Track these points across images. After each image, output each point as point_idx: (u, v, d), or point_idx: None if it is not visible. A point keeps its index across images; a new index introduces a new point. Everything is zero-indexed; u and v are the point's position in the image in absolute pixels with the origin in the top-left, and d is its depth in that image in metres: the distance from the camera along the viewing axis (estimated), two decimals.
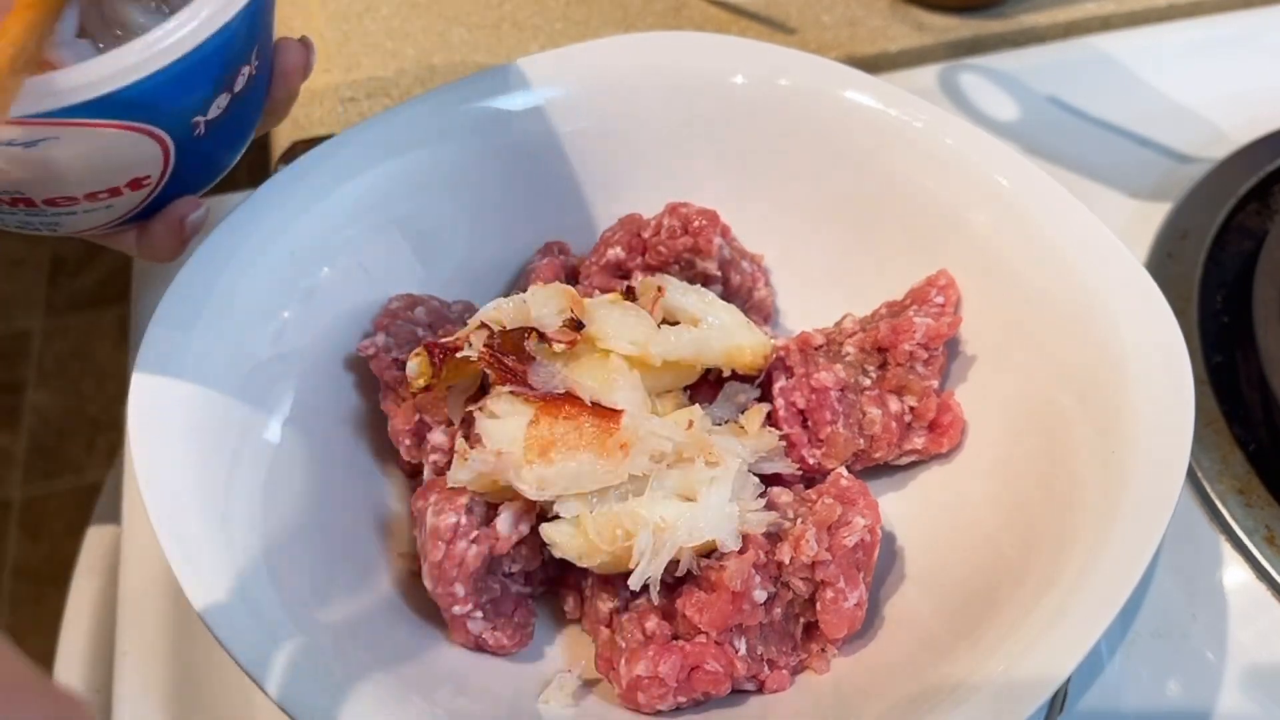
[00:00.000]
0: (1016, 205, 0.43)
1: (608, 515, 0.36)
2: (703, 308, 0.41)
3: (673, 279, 0.42)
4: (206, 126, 0.37)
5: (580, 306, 0.39)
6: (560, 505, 0.37)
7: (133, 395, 0.38)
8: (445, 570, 0.37)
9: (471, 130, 0.47)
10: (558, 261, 0.47)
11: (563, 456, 0.36)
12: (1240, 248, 0.54)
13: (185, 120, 0.36)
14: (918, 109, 0.46)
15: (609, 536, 0.36)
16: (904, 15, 0.66)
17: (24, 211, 0.37)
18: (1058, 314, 0.41)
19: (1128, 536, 0.34)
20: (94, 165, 0.35)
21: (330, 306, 0.44)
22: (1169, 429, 0.36)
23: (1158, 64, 0.63)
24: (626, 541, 0.36)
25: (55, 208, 0.36)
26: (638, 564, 0.36)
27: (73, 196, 0.36)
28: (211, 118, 0.37)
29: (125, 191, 0.37)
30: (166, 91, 0.34)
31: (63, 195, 0.36)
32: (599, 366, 0.38)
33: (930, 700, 0.33)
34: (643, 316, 0.40)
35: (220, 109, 0.37)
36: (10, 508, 1.34)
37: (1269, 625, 0.42)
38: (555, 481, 0.36)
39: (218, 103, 0.37)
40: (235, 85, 0.37)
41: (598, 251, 0.47)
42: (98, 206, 0.37)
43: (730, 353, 0.40)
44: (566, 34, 0.64)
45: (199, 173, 0.40)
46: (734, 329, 0.40)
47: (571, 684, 0.38)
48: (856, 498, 0.38)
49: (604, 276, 0.46)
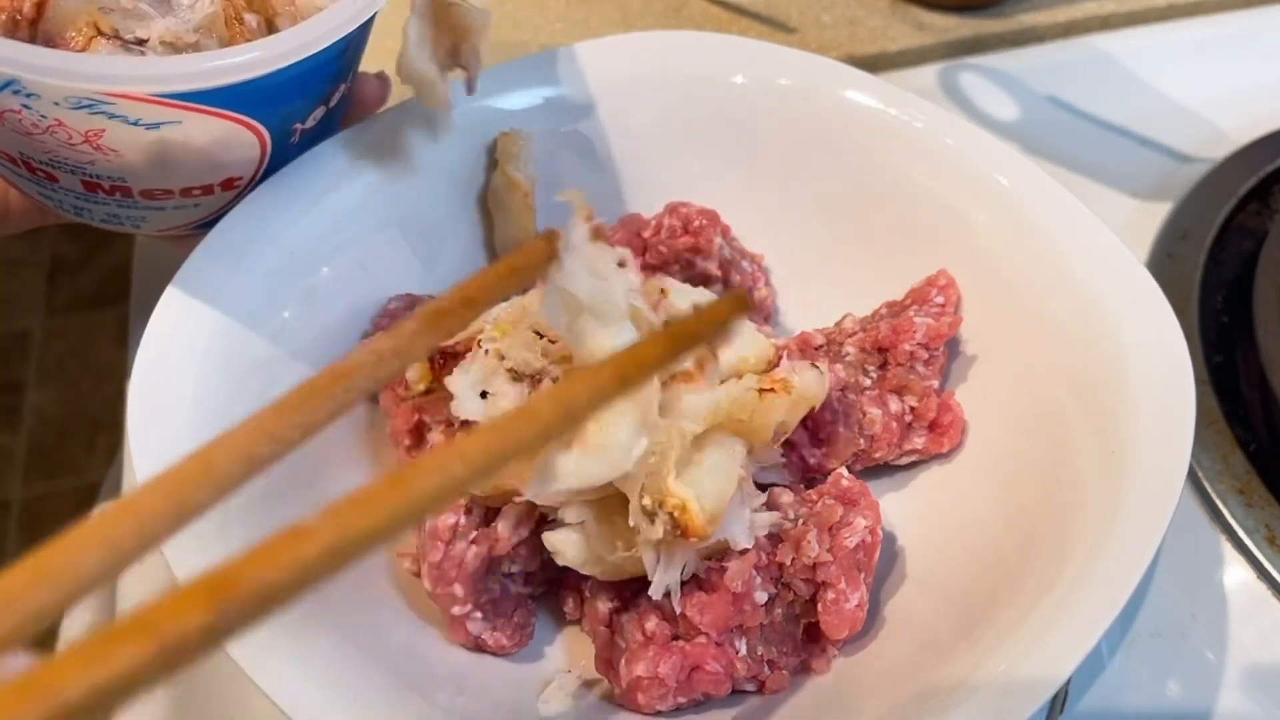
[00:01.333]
0: (1016, 205, 0.43)
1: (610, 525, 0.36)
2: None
3: (675, 281, 0.42)
4: (301, 135, 0.38)
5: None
6: (564, 511, 0.37)
7: (132, 395, 0.38)
8: (444, 571, 0.37)
9: (471, 130, 0.47)
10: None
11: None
12: (1240, 248, 0.54)
13: (289, 125, 0.37)
14: (918, 109, 0.46)
15: (610, 546, 0.36)
16: (904, 15, 0.66)
17: (117, 202, 0.37)
18: (1058, 314, 0.41)
19: (1128, 536, 0.34)
20: (202, 157, 0.36)
21: (330, 306, 0.44)
22: (1170, 429, 0.36)
23: (1158, 64, 0.63)
24: (627, 551, 0.36)
25: (150, 200, 0.37)
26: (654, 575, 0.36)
27: (170, 190, 0.37)
28: (308, 127, 0.38)
29: (217, 191, 0.38)
30: (287, 91, 0.36)
31: (161, 188, 0.37)
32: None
33: (931, 700, 0.33)
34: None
35: (315, 120, 0.38)
36: (10, 508, 1.33)
37: (1269, 625, 0.42)
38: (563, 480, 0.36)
39: (315, 114, 0.37)
40: (332, 100, 0.38)
41: None
42: (187, 204, 0.38)
43: (737, 365, 0.40)
44: (566, 34, 0.64)
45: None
46: (738, 341, 0.40)
47: (571, 684, 0.38)
48: (857, 498, 0.38)
49: None
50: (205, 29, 0.37)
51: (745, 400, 0.36)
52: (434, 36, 0.41)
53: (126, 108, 0.33)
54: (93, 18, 0.36)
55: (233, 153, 0.37)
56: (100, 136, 0.34)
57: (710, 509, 0.35)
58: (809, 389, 0.38)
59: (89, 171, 0.36)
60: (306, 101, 0.38)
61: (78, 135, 0.34)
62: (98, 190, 0.37)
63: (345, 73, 0.39)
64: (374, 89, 0.45)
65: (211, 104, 0.34)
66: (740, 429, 0.37)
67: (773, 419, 0.37)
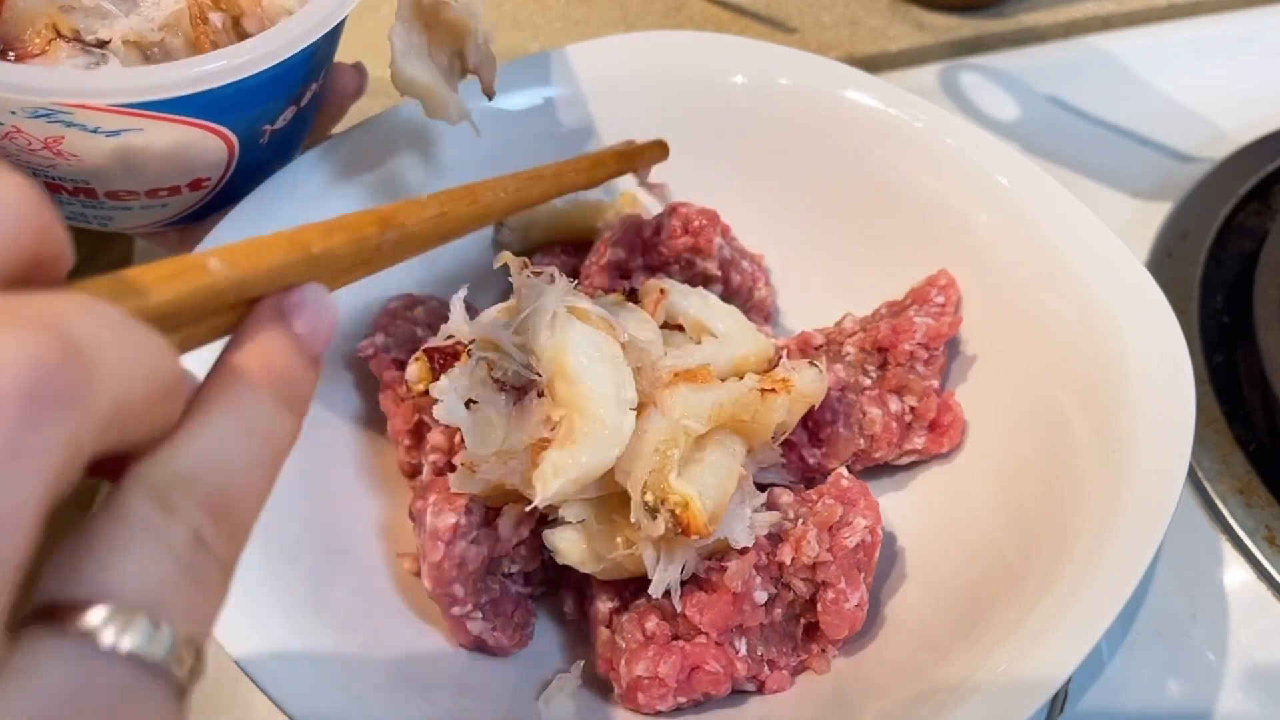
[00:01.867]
0: (1016, 205, 0.43)
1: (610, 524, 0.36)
2: (705, 311, 0.41)
3: (675, 282, 0.42)
4: (270, 136, 0.37)
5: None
6: (565, 509, 0.37)
7: None
8: (444, 571, 0.37)
9: (470, 130, 0.47)
10: (558, 261, 0.47)
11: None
12: (1240, 247, 0.54)
13: (256, 127, 0.36)
14: (918, 108, 0.46)
15: (610, 544, 0.36)
16: (904, 15, 0.66)
17: (81, 202, 0.37)
18: (1058, 314, 0.41)
19: (1128, 536, 0.34)
20: (166, 162, 0.35)
21: None
22: (1170, 428, 0.36)
23: (1158, 64, 0.63)
24: (628, 549, 0.36)
25: (115, 201, 0.36)
26: (654, 572, 0.36)
27: (135, 191, 0.36)
28: (277, 127, 0.37)
29: (184, 191, 0.37)
30: (253, 97, 0.35)
31: (126, 189, 0.36)
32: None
33: (931, 700, 0.33)
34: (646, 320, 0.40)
35: (285, 121, 0.37)
36: None
37: (1269, 625, 0.42)
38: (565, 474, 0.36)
39: (285, 114, 0.37)
40: (303, 99, 0.37)
41: (598, 252, 0.47)
42: (154, 204, 0.37)
43: (737, 365, 0.40)
44: (566, 34, 0.64)
45: (250, 179, 0.40)
46: (738, 340, 0.40)
47: (571, 684, 0.38)
48: (857, 498, 0.38)
49: (605, 276, 0.46)
50: (170, 27, 0.36)
51: (748, 400, 0.37)
52: (428, 41, 0.40)
53: (85, 116, 0.33)
54: (52, 19, 0.35)
55: (199, 156, 0.36)
56: (60, 143, 0.34)
57: (712, 507, 0.35)
58: (808, 387, 0.38)
59: (51, 175, 0.36)
60: (275, 104, 0.37)
61: (37, 142, 0.34)
62: (61, 191, 0.36)
63: (315, 73, 0.39)
64: (350, 80, 0.43)
65: (173, 111, 0.34)
66: (741, 428, 0.37)
67: (774, 418, 0.37)
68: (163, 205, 0.37)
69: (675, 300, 0.40)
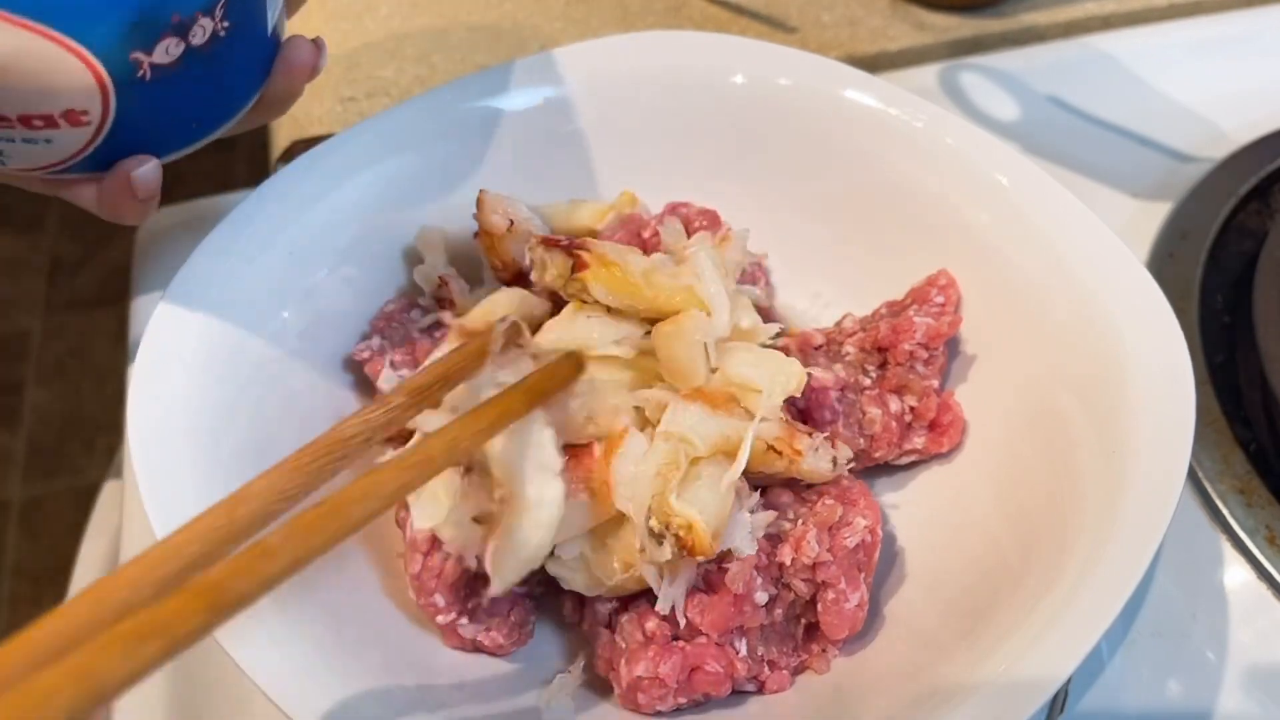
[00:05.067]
0: (1016, 205, 0.43)
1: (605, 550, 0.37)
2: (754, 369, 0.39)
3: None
4: (153, 70, 0.35)
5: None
6: (560, 549, 0.37)
7: (132, 395, 0.37)
8: (424, 582, 0.37)
9: (471, 130, 0.47)
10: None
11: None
12: (1241, 247, 0.54)
13: (122, 53, 0.34)
14: (918, 108, 0.46)
15: (609, 570, 0.37)
16: (904, 14, 0.65)
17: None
18: (1058, 314, 0.41)
19: (1128, 536, 0.34)
20: (20, 78, 0.33)
21: (329, 306, 0.44)
22: (1170, 428, 0.36)
23: (1158, 64, 0.63)
24: (626, 573, 0.36)
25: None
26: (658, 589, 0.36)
27: (5, 116, 0.35)
28: (159, 62, 0.35)
29: (62, 124, 0.35)
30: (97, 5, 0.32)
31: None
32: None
33: (931, 701, 0.33)
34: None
35: (170, 56, 0.34)
36: (10, 508, 1.33)
37: (1269, 625, 0.42)
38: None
39: (164, 45, 0.35)
40: (190, 35, 0.35)
41: None
42: (37, 138, 0.35)
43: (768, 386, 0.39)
44: (566, 34, 0.64)
45: (155, 128, 0.38)
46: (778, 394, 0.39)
47: (571, 684, 0.38)
48: (857, 498, 0.38)
49: None
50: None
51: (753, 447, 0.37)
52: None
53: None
54: None
55: (59, 79, 0.33)
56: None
57: (714, 524, 0.35)
58: (812, 472, 0.38)
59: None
60: (137, 22, 0.34)
61: None
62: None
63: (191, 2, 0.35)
64: (306, 54, 0.39)
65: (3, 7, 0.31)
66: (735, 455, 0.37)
67: (771, 469, 0.38)
68: (47, 140, 0.36)
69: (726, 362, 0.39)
